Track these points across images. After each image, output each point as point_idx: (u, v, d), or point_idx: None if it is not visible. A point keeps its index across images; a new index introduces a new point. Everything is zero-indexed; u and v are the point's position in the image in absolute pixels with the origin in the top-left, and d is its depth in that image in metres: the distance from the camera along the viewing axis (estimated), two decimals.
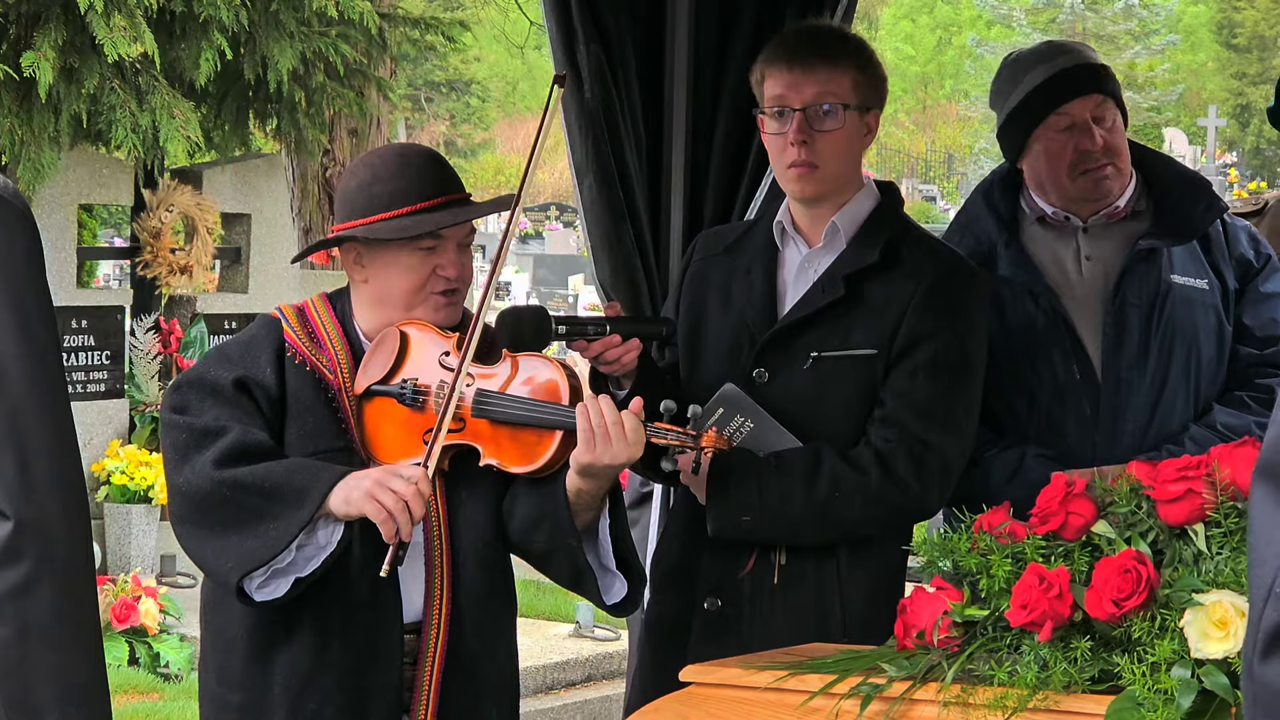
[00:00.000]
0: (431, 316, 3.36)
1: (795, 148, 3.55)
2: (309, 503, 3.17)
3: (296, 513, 3.17)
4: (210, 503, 3.22)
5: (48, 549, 2.04)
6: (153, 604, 8.31)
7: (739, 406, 3.55)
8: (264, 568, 3.18)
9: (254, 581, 3.20)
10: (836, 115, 3.55)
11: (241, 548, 3.18)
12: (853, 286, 3.57)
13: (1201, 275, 3.96)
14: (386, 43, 10.66)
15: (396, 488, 3.16)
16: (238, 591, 3.19)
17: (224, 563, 3.20)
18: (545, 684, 8.28)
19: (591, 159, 4.38)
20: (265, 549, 3.17)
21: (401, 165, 3.36)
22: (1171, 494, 2.63)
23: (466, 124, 42.91)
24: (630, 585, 3.39)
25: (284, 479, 3.21)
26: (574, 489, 3.29)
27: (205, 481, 3.21)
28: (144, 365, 10.13)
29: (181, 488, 3.26)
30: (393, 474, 3.19)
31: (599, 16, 4.38)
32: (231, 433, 3.24)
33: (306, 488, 3.19)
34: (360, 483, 3.18)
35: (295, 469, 3.23)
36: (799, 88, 3.55)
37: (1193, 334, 3.93)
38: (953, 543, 2.80)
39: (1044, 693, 2.57)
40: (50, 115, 9.01)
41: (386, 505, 3.15)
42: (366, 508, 3.16)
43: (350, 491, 3.18)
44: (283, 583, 3.21)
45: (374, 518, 3.15)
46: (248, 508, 3.19)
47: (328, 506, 3.18)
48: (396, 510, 3.15)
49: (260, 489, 3.19)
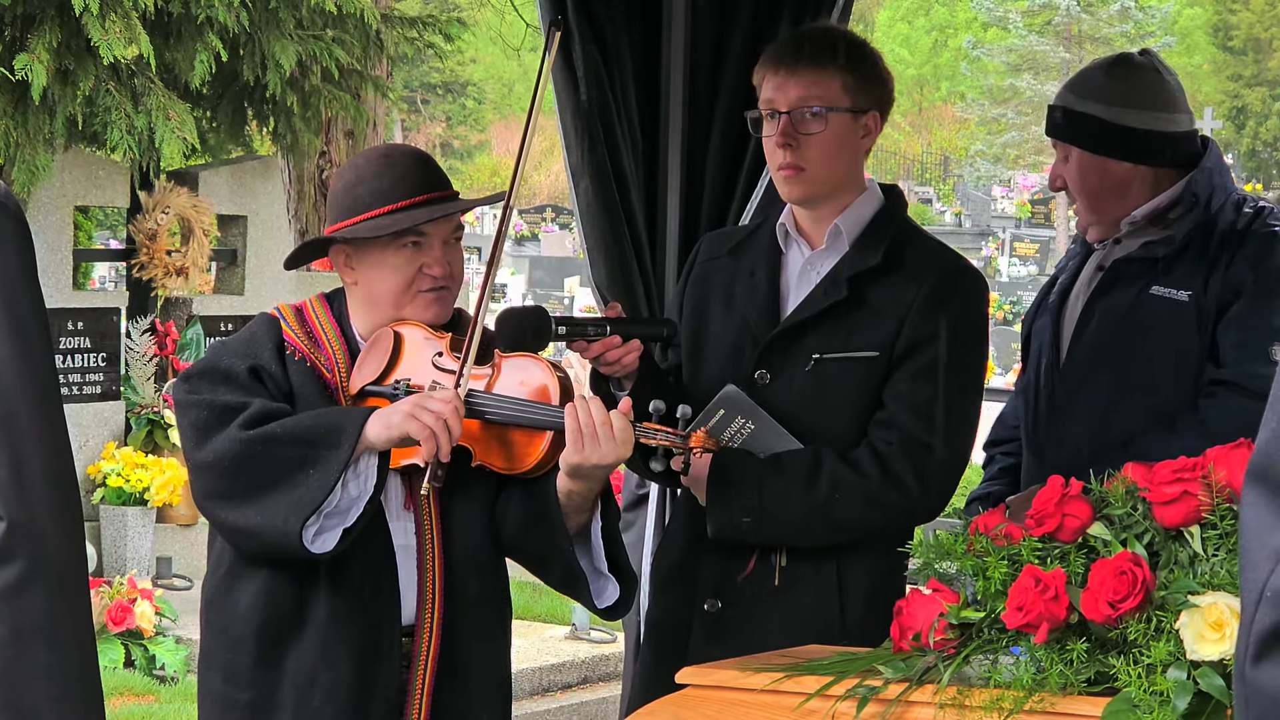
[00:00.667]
0: (421, 315, 3.37)
1: (781, 150, 3.57)
2: (346, 439, 3.19)
3: (336, 452, 3.18)
4: (242, 464, 3.20)
5: (40, 550, 2.04)
6: (148, 606, 8.30)
7: (740, 408, 3.55)
8: (316, 513, 3.18)
9: (309, 532, 3.19)
10: (821, 118, 3.55)
11: (289, 498, 3.18)
12: (855, 289, 3.57)
13: (1188, 286, 3.93)
14: (383, 43, 10.65)
15: (433, 406, 3.19)
16: (299, 544, 3.17)
17: (276, 517, 3.18)
18: (541, 686, 8.28)
19: (587, 161, 4.38)
20: (315, 492, 3.17)
21: (385, 165, 3.37)
22: (1167, 496, 2.63)
23: (462, 126, 42.91)
24: (622, 588, 3.40)
25: (314, 422, 3.22)
26: (564, 490, 3.29)
27: (234, 444, 3.21)
28: (140, 367, 10.13)
29: (206, 459, 3.24)
30: (426, 396, 3.23)
31: (595, 18, 4.38)
32: (253, 404, 3.24)
33: (340, 425, 3.21)
34: (397, 407, 3.22)
35: (323, 414, 3.25)
36: (785, 90, 3.57)
37: (1159, 347, 3.91)
38: (949, 544, 2.80)
39: (1040, 694, 2.58)
40: (45, 117, 9.00)
41: (427, 423, 3.18)
42: (409, 427, 3.18)
43: (388, 416, 3.21)
44: (332, 535, 3.21)
45: (417, 435, 3.18)
46: (282, 459, 3.19)
47: (366, 439, 3.20)
48: (438, 427, 3.17)
49: (293, 437, 3.20)
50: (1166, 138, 3.98)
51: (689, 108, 4.42)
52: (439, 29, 11.11)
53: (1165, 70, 4.09)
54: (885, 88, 3.67)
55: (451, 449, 3.22)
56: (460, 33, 11.39)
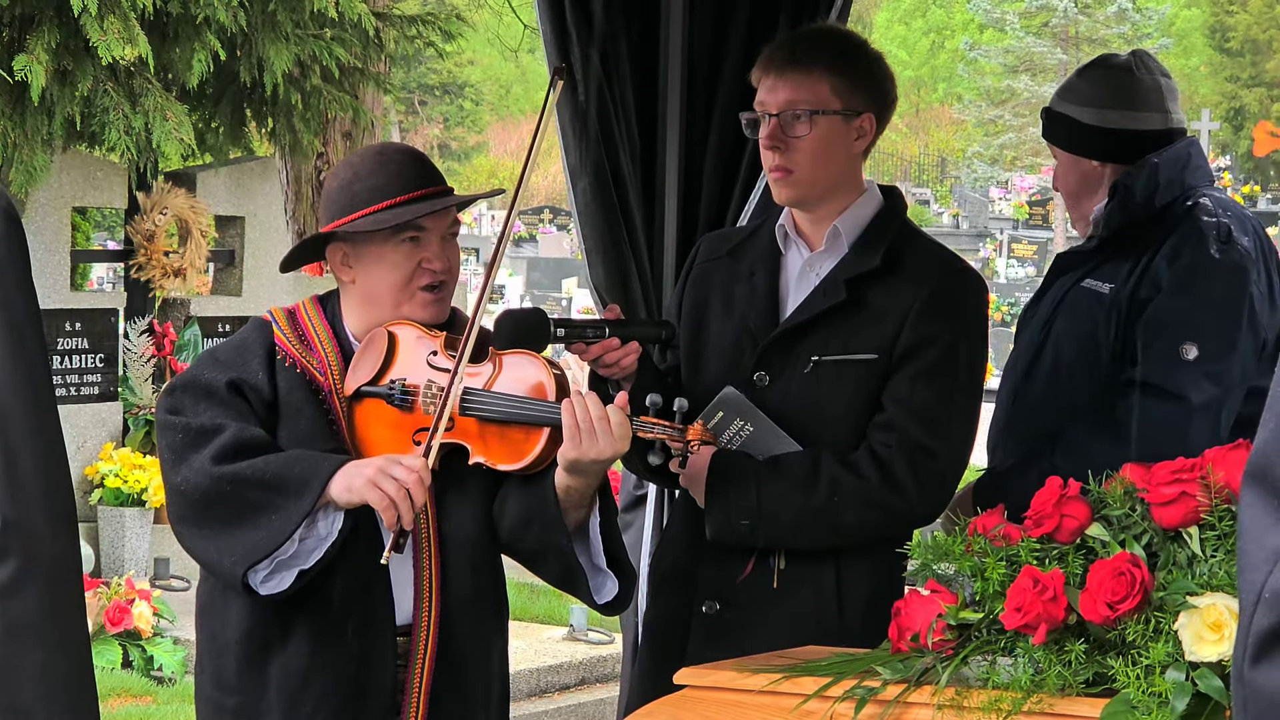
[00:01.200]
0: (419, 314, 3.37)
1: (770, 153, 3.57)
2: (310, 492, 3.18)
3: (298, 503, 3.18)
4: (210, 499, 3.22)
5: (34, 549, 2.04)
6: (146, 607, 8.30)
7: (738, 410, 3.55)
8: (268, 559, 3.19)
9: (258, 575, 3.20)
10: (807, 121, 3.55)
11: (244, 541, 3.19)
12: (854, 291, 3.57)
13: (1112, 279, 3.97)
14: (383, 43, 10.64)
15: (398, 475, 3.17)
16: (243, 586, 3.19)
17: (227, 557, 3.20)
18: (539, 687, 8.27)
19: (586, 162, 4.38)
20: (268, 540, 3.18)
21: (381, 162, 3.37)
22: (1166, 497, 2.63)
23: (460, 127, 42.92)
24: (621, 584, 3.39)
25: (284, 470, 3.21)
26: (562, 486, 3.29)
27: (204, 478, 3.22)
28: (138, 368, 10.13)
29: (180, 487, 3.26)
30: (394, 461, 3.20)
31: (593, 19, 4.38)
32: (228, 430, 3.25)
33: (307, 478, 3.20)
34: (362, 470, 3.19)
35: (294, 460, 3.24)
36: (775, 93, 3.58)
37: (1074, 340, 3.97)
38: (947, 545, 2.80)
39: (1038, 696, 2.57)
40: (43, 118, 9.00)
41: (389, 492, 3.16)
42: (369, 495, 3.16)
43: (351, 479, 3.18)
44: (287, 575, 3.22)
45: (376, 505, 3.16)
46: (249, 501, 3.20)
47: (329, 495, 3.19)
48: (399, 497, 3.15)
49: (260, 481, 3.20)
50: (1134, 135, 4.06)
51: (687, 109, 4.42)
52: (438, 27, 11.10)
53: (1145, 70, 4.12)
54: (881, 89, 3.65)
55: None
56: (460, 30, 11.38)
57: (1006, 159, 40.83)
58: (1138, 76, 4.12)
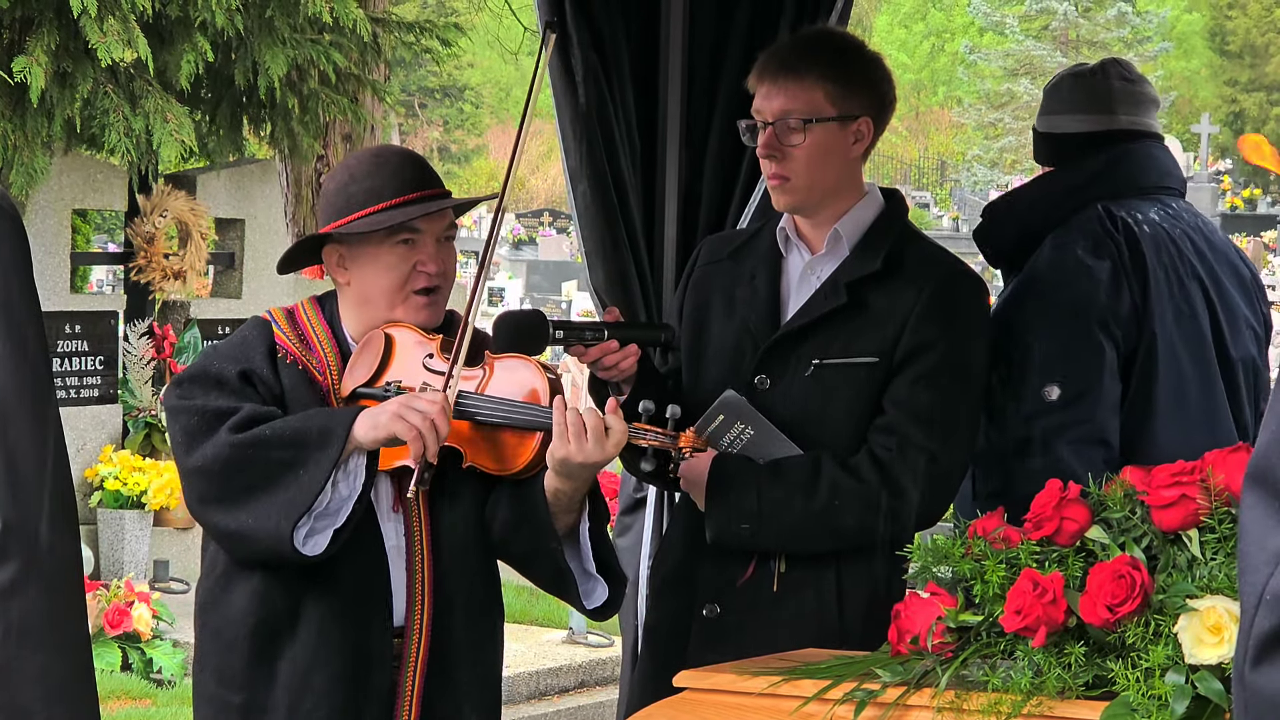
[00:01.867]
0: (414, 317, 3.38)
1: (767, 161, 3.57)
2: (335, 439, 3.19)
3: (325, 451, 3.19)
4: (234, 467, 3.22)
5: (34, 550, 2.03)
6: (145, 610, 8.29)
7: (739, 413, 3.55)
8: (307, 514, 3.18)
9: (300, 533, 3.20)
10: (802, 130, 3.54)
11: (279, 501, 3.19)
12: (855, 294, 3.56)
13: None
14: (380, 48, 10.65)
15: (421, 407, 3.20)
16: (291, 547, 3.18)
17: (268, 520, 3.19)
18: (538, 690, 8.27)
19: (585, 164, 4.38)
20: (305, 493, 3.18)
21: (377, 164, 3.38)
22: (1165, 499, 2.63)
23: (460, 130, 42.94)
24: (611, 589, 3.40)
25: (303, 424, 3.23)
26: (552, 489, 3.29)
27: (225, 449, 3.22)
28: (137, 370, 10.12)
29: (197, 464, 3.25)
30: (414, 397, 3.24)
31: (593, 21, 4.38)
32: (243, 409, 3.25)
33: (329, 426, 3.21)
34: (384, 407, 3.22)
35: (311, 415, 3.26)
36: (770, 101, 3.58)
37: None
38: (947, 548, 2.80)
39: (1038, 698, 2.57)
40: (43, 120, 9.00)
41: (414, 423, 3.18)
42: (395, 427, 3.19)
43: (375, 417, 3.21)
44: (323, 538, 3.22)
45: (403, 435, 3.18)
46: (274, 461, 3.20)
47: (354, 439, 3.20)
48: (425, 427, 3.18)
49: (282, 440, 3.21)
50: (1068, 138, 4.13)
51: (687, 111, 4.42)
52: (436, 34, 11.10)
53: (1103, 75, 4.14)
54: (878, 91, 3.64)
55: (439, 450, 3.23)
56: (457, 38, 11.38)
57: (1006, 162, 40.84)
58: (1089, 81, 4.14)
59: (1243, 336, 4.09)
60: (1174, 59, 46.33)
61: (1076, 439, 3.82)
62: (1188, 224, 4.08)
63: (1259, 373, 4.12)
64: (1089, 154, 4.07)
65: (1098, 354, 3.85)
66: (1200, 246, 4.06)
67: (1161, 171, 4.12)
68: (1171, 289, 3.96)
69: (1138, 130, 4.13)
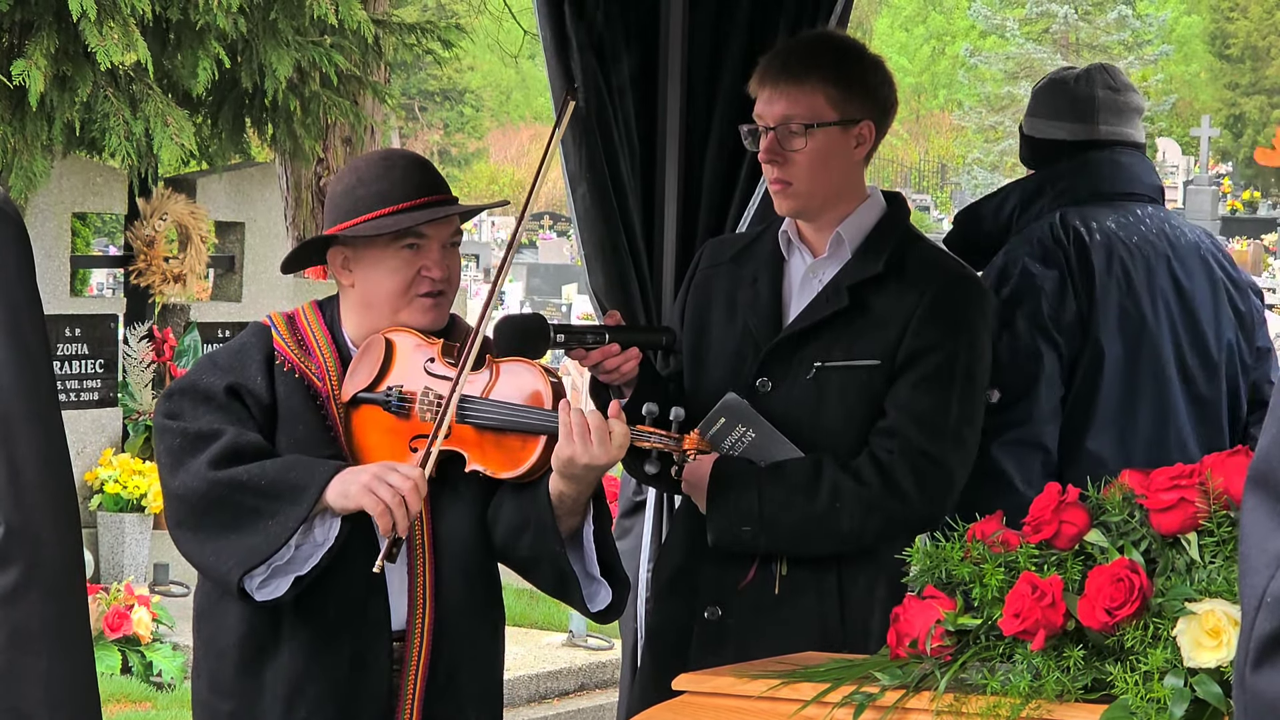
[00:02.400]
0: (418, 320, 3.37)
1: (768, 166, 3.57)
2: (306, 498, 3.18)
3: (294, 509, 3.18)
4: (207, 504, 3.22)
5: (37, 555, 2.03)
6: (146, 613, 8.29)
7: (741, 416, 3.55)
8: (264, 565, 3.19)
9: (254, 580, 3.20)
10: (803, 135, 3.54)
11: (241, 546, 3.19)
12: (856, 297, 3.57)
13: None
14: (382, 50, 10.64)
15: (394, 482, 3.17)
16: (239, 591, 3.19)
17: (224, 563, 3.21)
18: (538, 693, 8.26)
19: (585, 168, 4.38)
20: (265, 545, 3.18)
21: (386, 168, 3.37)
22: (1164, 503, 2.63)
23: (460, 133, 42.93)
24: (615, 592, 3.39)
25: (280, 476, 3.22)
26: (556, 492, 3.29)
27: (201, 483, 3.22)
28: (137, 374, 10.12)
29: (177, 491, 3.27)
30: (390, 468, 3.21)
31: (593, 25, 4.38)
32: (226, 435, 3.25)
33: (303, 484, 3.20)
34: (357, 476, 3.19)
35: (291, 465, 3.24)
36: (771, 106, 3.58)
37: None
38: (945, 551, 2.80)
39: (1037, 702, 2.57)
40: (43, 123, 8.99)
41: (384, 499, 3.15)
42: (364, 501, 3.16)
43: (347, 485, 3.19)
44: (283, 581, 3.22)
45: (371, 511, 3.16)
46: (245, 506, 3.20)
47: (325, 501, 3.19)
48: (394, 504, 3.15)
49: (257, 487, 3.20)
50: (1047, 143, 4.20)
51: (686, 115, 4.42)
52: (437, 35, 11.10)
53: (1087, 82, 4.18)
54: (879, 95, 3.63)
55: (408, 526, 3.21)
56: (459, 39, 11.38)
57: (1007, 165, 40.82)
58: (1073, 88, 4.16)
59: (1211, 343, 4.09)
60: (1174, 62, 46.31)
61: (1012, 441, 3.90)
62: (1150, 231, 4.08)
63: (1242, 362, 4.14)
64: (1064, 161, 4.11)
65: (1036, 360, 3.94)
66: (1164, 252, 4.06)
67: (1129, 178, 4.14)
68: (1122, 298, 3.99)
69: (1116, 140, 4.15)
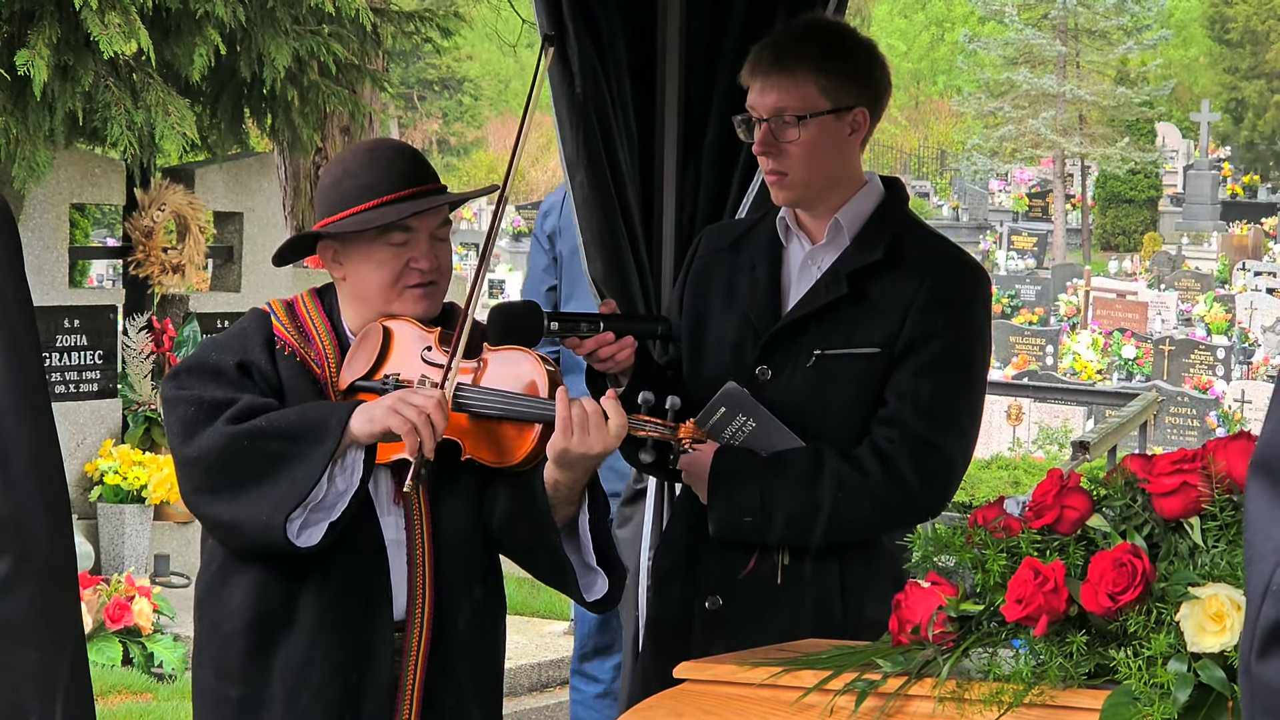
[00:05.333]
0: (411, 310, 3.36)
1: (763, 158, 3.55)
2: (331, 432, 3.18)
3: (321, 445, 3.17)
4: (229, 458, 3.20)
5: (27, 546, 2.02)
6: (146, 604, 8.29)
7: (741, 405, 3.54)
8: (301, 507, 3.17)
9: (294, 525, 3.18)
10: (797, 126, 3.52)
11: (274, 492, 3.18)
12: (856, 284, 3.55)
13: None
14: (380, 39, 10.62)
15: (417, 401, 3.18)
16: (283, 539, 3.16)
17: (260, 511, 3.18)
18: (540, 682, 8.26)
19: (583, 155, 4.36)
20: (299, 486, 3.17)
21: (371, 159, 3.36)
22: (1167, 487, 2.62)
23: (459, 122, 42.91)
24: (611, 581, 3.39)
25: (299, 417, 3.22)
26: (551, 481, 3.28)
27: (221, 439, 3.20)
28: (137, 365, 10.11)
29: (195, 456, 3.23)
30: (411, 391, 3.22)
31: (590, 12, 4.36)
32: (242, 399, 3.23)
33: (325, 420, 3.20)
34: (380, 401, 3.21)
35: (308, 408, 3.25)
36: (764, 97, 3.56)
37: None
38: (947, 537, 2.78)
39: (1040, 687, 2.56)
40: (45, 113, 8.98)
41: (409, 417, 3.16)
42: (390, 421, 3.17)
43: (371, 411, 3.19)
44: (317, 530, 3.20)
45: (399, 430, 3.16)
46: (269, 453, 3.18)
47: (350, 433, 3.19)
48: (420, 422, 3.16)
49: (278, 432, 3.19)
50: None
51: (684, 101, 4.40)
52: (436, 24, 11.08)
53: None
54: (871, 80, 3.60)
55: (436, 445, 3.21)
56: (458, 27, 11.36)
57: (1006, 151, 40.80)
58: None
59: None
60: (1173, 47, 46.26)
61: None
62: None
63: None
64: None
65: None
66: None
67: None
68: None
69: None
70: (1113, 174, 39.36)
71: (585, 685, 6.05)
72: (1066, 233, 37.98)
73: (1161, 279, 29.65)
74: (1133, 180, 39.32)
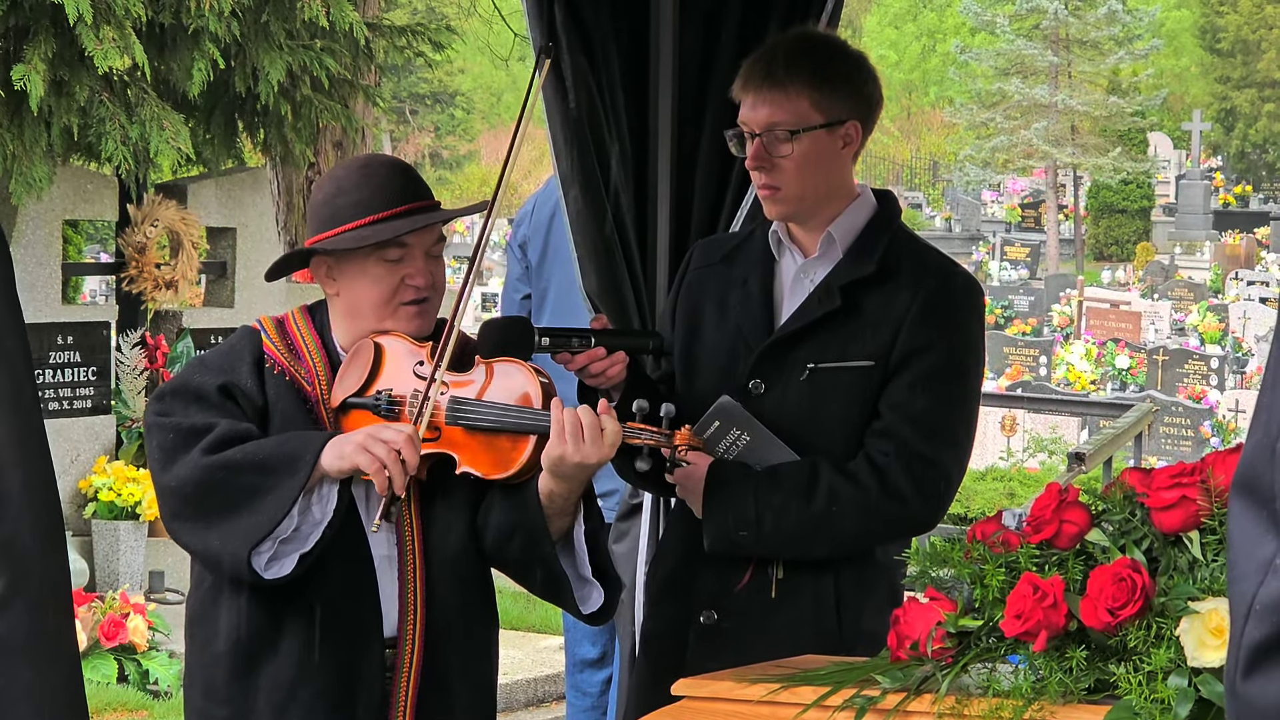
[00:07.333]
0: (404, 327, 3.36)
1: (756, 173, 3.55)
2: (302, 467, 3.18)
3: (292, 479, 3.18)
4: (204, 489, 3.21)
5: (20, 566, 2.01)
6: (141, 621, 8.27)
7: (735, 419, 3.53)
8: (269, 539, 3.17)
9: (262, 558, 3.19)
10: (789, 141, 3.51)
11: (244, 524, 3.19)
12: (849, 297, 3.54)
13: None
14: (373, 53, 10.62)
15: (387, 438, 3.18)
16: (249, 570, 3.17)
17: (230, 544, 3.20)
18: (535, 697, 8.25)
19: (577, 169, 4.35)
20: (267, 518, 3.18)
21: (365, 176, 3.35)
22: (1166, 501, 2.61)
23: (451, 136, 42.94)
24: (606, 594, 3.38)
25: (274, 450, 3.22)
26: (545, 491, 3.28)
27: (196, 470, 3.21)
28: (130, 381, 10.10)
29: (171, 485, 3.25)
30: (382, 427, 3.23)
31: (583, 27, 4.35)
32: (219, 426, 3.24)
33: (297, 454, 3.20)
34: (351, 438, 3.21)
35: (283, 440, 3.25)
36: (756, 111, 3.54)
37: None
38: (946, 552, 2.78)
39: (1039, 703, 2.55)
40: (41, 129, 8.98)
41: (379, 455, 3.17)
42: (359, 459, 3.17)
43: (342, 447, 3.20)
44: (288, 561, 3.20)
45: (367, 469, 3.17)
46: (242, 485, 3.20)
47: (321, 467, 3.19)
48: (389, 460, 3.16)
49: (252, 464, 3.20)
50: None
51: (678, 115, 4.39)
52: (428, 38, 11.08)
53: None
54: (863, 93, 3.59)
55: (406, 482, 3.20)
56: (450, 41, 11.36)
57: (998, 162, 40.83)
58: None
59: None
60: (1165, 57, 46.33)
61: None
62: None
63: None
64: None
65: None
66: None
67: None
68: None
69: None
70: (1105, 184, 39.41)
71: (578, 699, 6.05)
72: (1059, 243, 38.02)
73: (1155, 289, 29.69)
74: (1125, 190, 39.38)
